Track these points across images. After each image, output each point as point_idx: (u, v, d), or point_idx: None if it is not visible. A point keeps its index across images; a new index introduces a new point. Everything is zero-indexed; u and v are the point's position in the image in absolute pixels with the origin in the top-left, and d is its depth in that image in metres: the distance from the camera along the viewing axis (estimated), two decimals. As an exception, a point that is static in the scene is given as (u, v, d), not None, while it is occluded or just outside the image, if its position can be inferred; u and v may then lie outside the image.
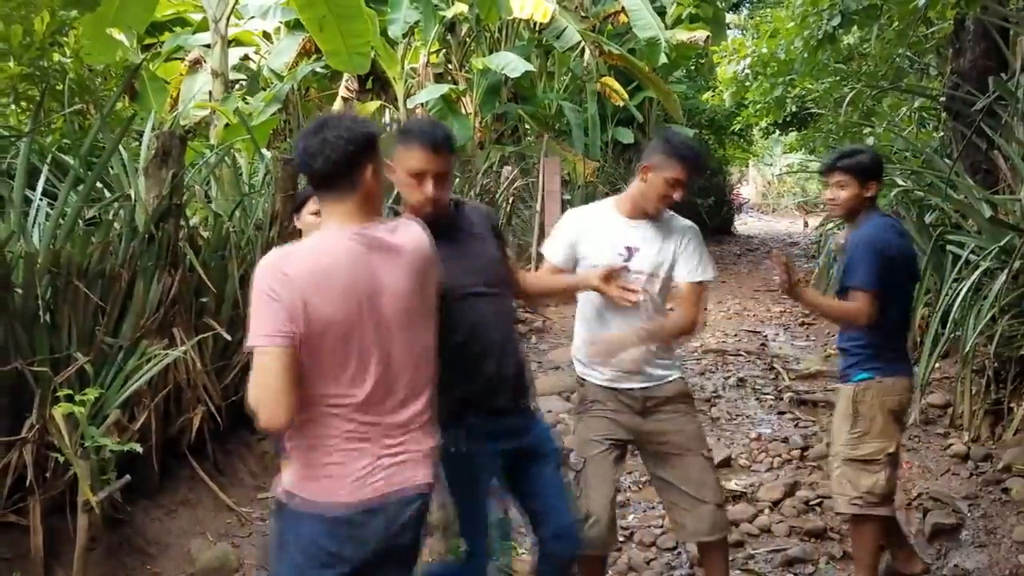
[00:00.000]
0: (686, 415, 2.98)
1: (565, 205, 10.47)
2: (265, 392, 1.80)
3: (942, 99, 6.61)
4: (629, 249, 2.87)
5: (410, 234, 2.05)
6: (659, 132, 3.19)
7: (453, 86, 11.85)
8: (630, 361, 2.80)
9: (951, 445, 4.72)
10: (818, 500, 4.22)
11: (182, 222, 3.85)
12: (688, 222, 3.02)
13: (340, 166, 1.92)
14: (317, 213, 3.00)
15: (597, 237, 2.90)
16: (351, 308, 1.88)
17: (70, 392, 3.03)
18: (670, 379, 2.96)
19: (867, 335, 3.12)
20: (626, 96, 13.41)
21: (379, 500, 1.91)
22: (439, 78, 12.12)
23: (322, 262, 1.88)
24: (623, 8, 12.62)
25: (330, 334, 1.86)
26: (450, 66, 12.94)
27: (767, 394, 6.22)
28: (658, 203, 2.84)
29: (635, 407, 2.92)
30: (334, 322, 1.85)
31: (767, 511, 4.17)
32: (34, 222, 3.76)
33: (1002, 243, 4.68)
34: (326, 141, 1.91)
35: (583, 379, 3.01)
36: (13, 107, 5.31)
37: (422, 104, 10.94)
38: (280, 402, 1.80)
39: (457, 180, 8.49)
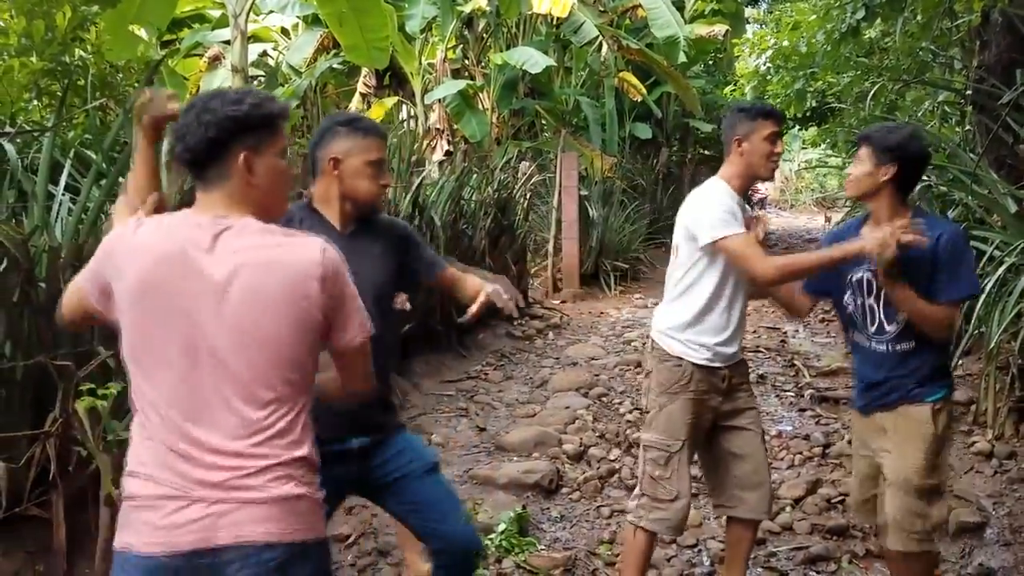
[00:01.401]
0: (752, 394, 3.14)
1: (582, 201, 10.45)
2: (64, 302, 1.82)
3: (967, 93, 6.53)
4: (747, 226, 2.93)
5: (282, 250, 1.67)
6: (727, 113, 3.16)
7: (470, 82, 11.85)
8: None
9: (975, 443, 4.67)
10: (840, 498, 4.18)
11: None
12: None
13: (200, 152, 1.67)
14: None
15: (739, 215, 2.92)
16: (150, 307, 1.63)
17: (93, 386, 3.03)
18: (742, 356, 3.12)
19: (940, 348, 2.79)
20: (644, 91, 13.36)
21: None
22: (456, 74, 12.13)
23: (142, 243, 1.66)
24: (641, 2, 12.57)
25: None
26: (467, 61, 12.95)
27: (787, 391, 6.18)
28: (769, 162, 2.93)
29: (721, 387, 2.99)
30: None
31: (789, 509, 4.14)
32: (57, 216, 3.78)
33: (1028, 239, 4.62)
34: (187, 125, 1.67)
35: (680, 358, 2.98)
36: (36, 102, 5.35)
37: (439, 99, 10.95)
38: (70, 313, 1.81)
39: (475, 176, 8.48)
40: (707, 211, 2.89)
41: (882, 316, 2.73)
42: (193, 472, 1.57)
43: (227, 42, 8.53)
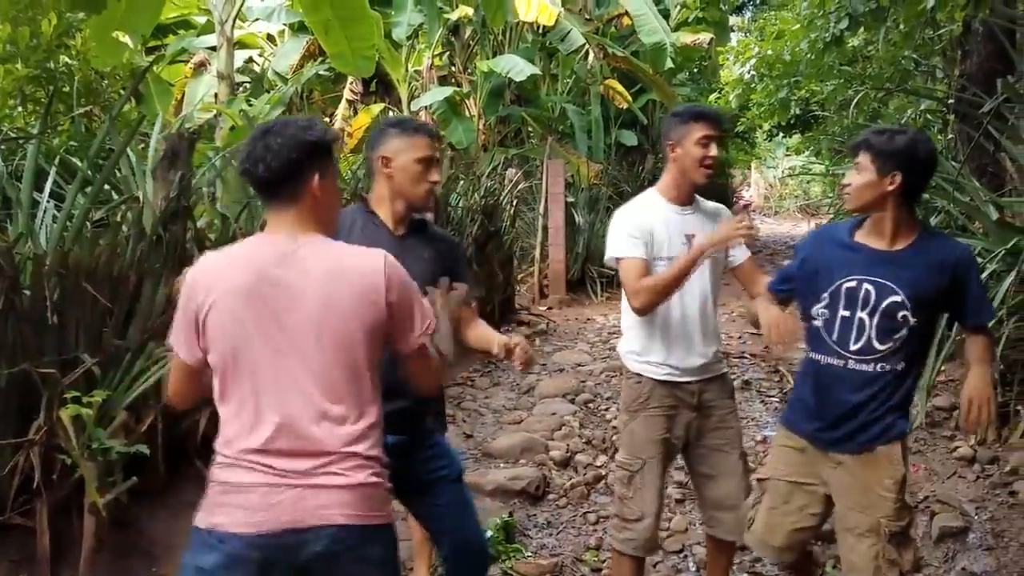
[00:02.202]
0: (732, 413, 3.02)
1: (568, 208, 10.48)
2: (170, 386, 1.97)
3: (949, 101, 6.61)
4: (688, 237, 2.86)
5: (350, 259, 1.86)
6: (666, 117, 3.09)
7: (457, 88, 11.87)
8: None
9: (957, 448, 4.70)
10: (825, 503, 4.21)
11: (189, 224, 3.85)
12: (718, 204, 3.09)
13: (281, 174, 1.83)
14: None
15: (660, 231, 2.85)
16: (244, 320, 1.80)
17: (77, 394, 3.03)
18: (721, 372, 3.01)
19: (911, 377, 2.49)
20: (630, 98, 13.42)
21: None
22: (443, 81, 12.15)
23: (223, 273, 1.83)
24: (627, 11, 12.64)
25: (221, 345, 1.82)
26: (454, 68, 12.97)
27: (772, 397, 6.21)
28: (699, 168, 2.83)
29: (690, 402, 2.91)
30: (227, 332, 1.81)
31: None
32: (42, 224, 3.77)
33: (1009, 246, 4.66)
34: (268, 147, 1.82)
35: (639, 375, 2.94)
36: (21, 109, 5.32)
37: (426, 107, 10.96)
38: (177, 392, 1.96)
39: (461, 182, 8.50)
40: (612, 231, 2.92)
41: (873, 333, 2.43)
42: (284, 462, 1.76)
43: (213, 48, 8.52)
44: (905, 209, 2.44)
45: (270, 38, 12.21)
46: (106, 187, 4.02)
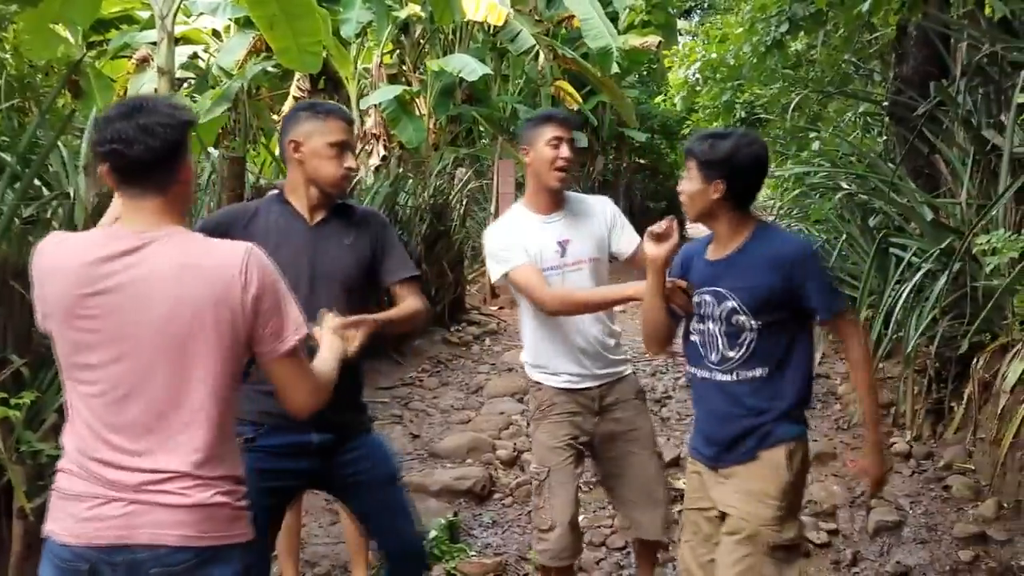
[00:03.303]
0: (640, 413, 2.97)
1: (519, 207, 10.49)
2: None
3: (885, 104, 6.76)
4: (562, 244, 2.82)
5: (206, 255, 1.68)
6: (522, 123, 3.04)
7: (407, 87, 11.81)
8: None
9: (894, 444, 4.81)
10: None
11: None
12: (599, 197, 3.05)
13: (161, 157, 1.65)
14: None
15: (531, 243, 2.80)
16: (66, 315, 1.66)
17: (5, 395, 2.93)
18: (624, 374, 2.96)
19: (791, 375, 2.36)
20: (580, 100, 13.49)
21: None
22: (393, 79, 12.07)
23: (58, 260, 1.67)
24: (575, 13, 12.70)
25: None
26: (404, 67, 12.90)
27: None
28: (553, 170, 2.77)
29: (592, 407, 2.88)
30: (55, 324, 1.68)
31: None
32: (-31, 220, 3.64)
33: (943, 246, 4.79)
34: (145, 128, 1.62)
35: (539, 383, 2.92)
36: (-51, 103, 5.14)
37: (375, 105, 10.89)
38: None
39: (411, 181, 8.45)
40: (487, 251, 2.88)
41: (723, 342, 2.36)
42: (112, 474, 1.64)
43: (155, 44, 8.34)
44: (736, 213, 2.37)
45: (216, 34, 12.01)
46: (37, 183, 3.89)
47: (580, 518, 3.92)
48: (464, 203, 9.51)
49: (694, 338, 2.46)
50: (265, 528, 2.39)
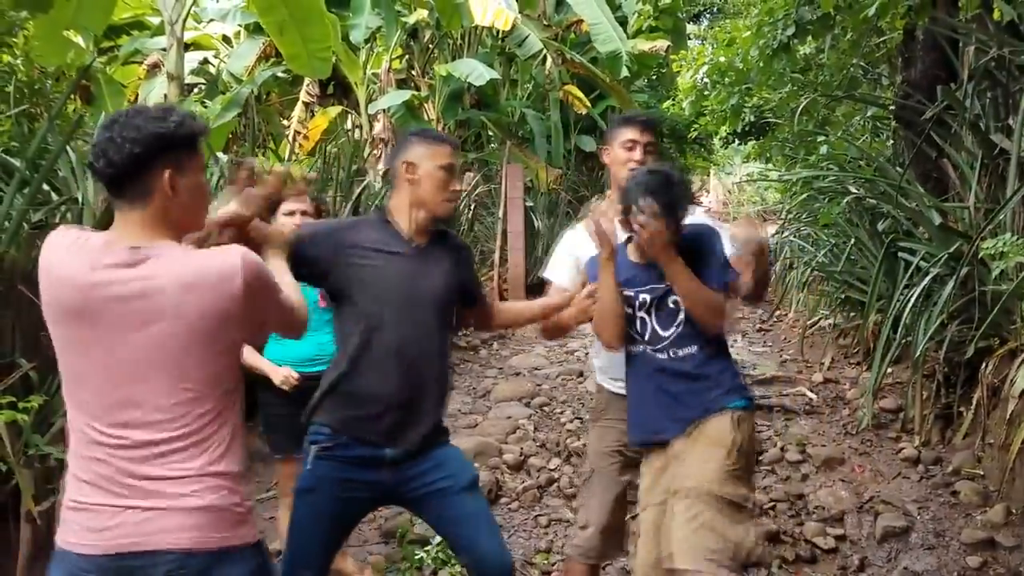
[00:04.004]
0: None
1: (527, 212, 10.50)
2: None
3: (893, 108, 6.74)
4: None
5: (179, 267, 1.67)
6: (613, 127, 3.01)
7: (415, 92, 11.84)
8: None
9: (902, 449, 4.79)
10: (771, 504, 4.26)
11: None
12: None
13: (123, 170, 1.64)
14: (291, 213, 3.02)
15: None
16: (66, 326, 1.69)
17: (13, 399, 2.96)
18: None
19: (725, 355, 2.52)
20: (589, 104, 13.49)
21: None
22: (401, 84, 12.11)
23: (54, 266, 1.69)
24: (584, 17, 12.71)
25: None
26: (413, 72, 12.94)
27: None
28: (627, 171, 2.74)
29: None
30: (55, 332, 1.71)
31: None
32: (-22, 225, 3.67)
33: (951, 250, 4.77)
34: (112, 140, 1.64)
35: (600, 386, 2.94)
36: (-40, 109, 5.19)
37: (384, 110, 10.92)
38: None
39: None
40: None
41: (656, 324, 2.48)
42: (123, 481, 1.65)
43: (165, 49, 8.39)
44: None
45: (226, 39, 12.07)
46: (46, 188, 3.93)
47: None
48: (472, 208, 9.54)
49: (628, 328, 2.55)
50: (336, 537, 2.43)
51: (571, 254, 2.85)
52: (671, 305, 2.47)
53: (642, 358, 2.52)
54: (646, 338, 2.49)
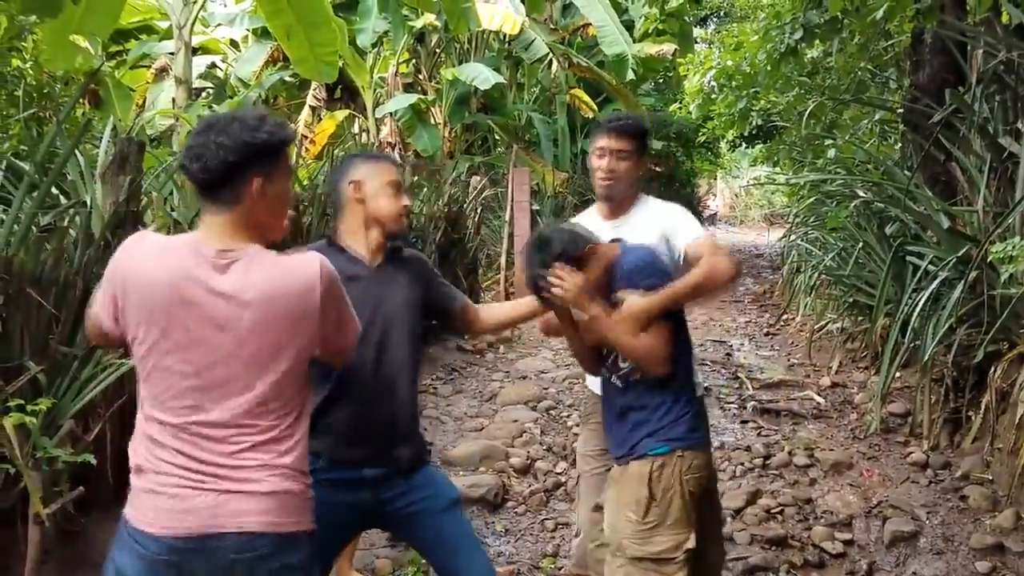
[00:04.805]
0: None
1: (534, 215, 10.51)
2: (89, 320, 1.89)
3: (901, 112, 6.72)
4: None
5: (267, 276, 1.74)
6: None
7: (422, 96, 11.87)
8: None
9: (911, 453, 4.77)
10: (779, 508, 4.24)
11: (140, 229, 3.79)
12: (668, 203, 2.90)
13: (218, 175, 1.72)
14: None
15: None
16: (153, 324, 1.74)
17: (22, 402, 2.96)
18: None
19: (659, 388, 2.40)
20: (595, 108, 13.50)
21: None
22: (408, 88, 12.14)
23: (143, 271, 1.74)
24: (591, 21, 12.72)
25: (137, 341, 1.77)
26: (420, 76, 12.97)
27: (731, 403, 6.26)
28: (598, 180, 2.77)
29: None
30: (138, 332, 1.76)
31: (729, 519, 4.18)
32: (-12, 228, 3.69)
33: (959, 254, 4.75)
34: (207, 145, 1.71)
35: (588, 389, 2.93)
36: (-30, 113, 5.22)
37: (391, 113, 10.94)
38: (92, 334, 1.92)
39: (425, 189, 8.48)
40: None
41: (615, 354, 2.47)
42: (202, 468, 1.73)
43: (173, 53, 8.42)
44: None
45: (233, 44, 12.14)
46: (54, 191, 3.94)
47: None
48: (479, 211, 9.54)
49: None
50: (328, 562, 2.42)
51: None
52: None
53: (606, 383, 2.55)
54: (608, 363, 2.50)
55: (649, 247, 2.53)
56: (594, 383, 2.83)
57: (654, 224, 2.78)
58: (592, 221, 2.83)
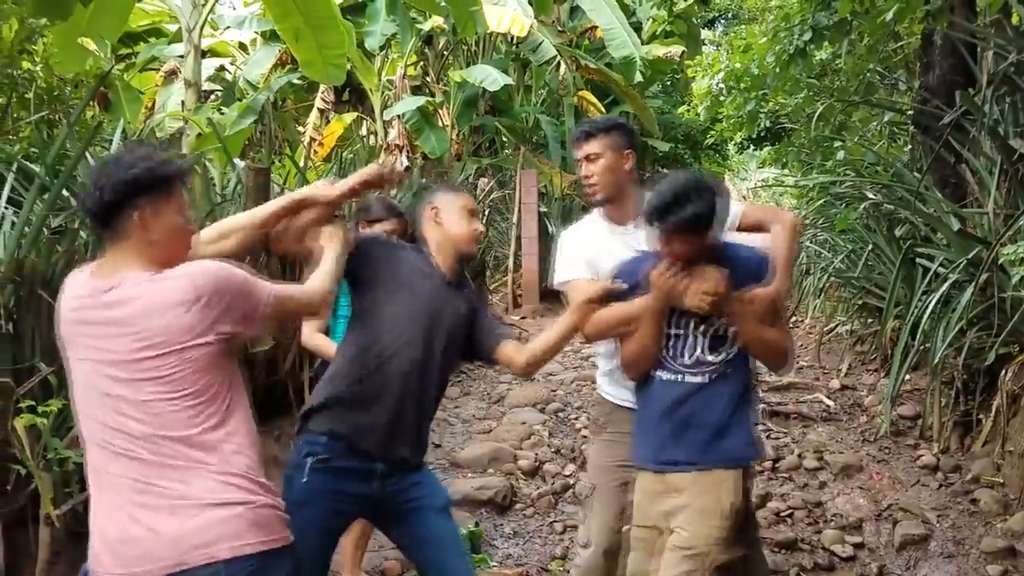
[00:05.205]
0: None
1: (542, 218, 10.50)
2: None
3: (911, 113, 6.70)
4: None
5: (143, 290, 1.81)
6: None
7: (430, 98, 11.87)
8: None
9: (921, 456, 4.75)
10: (789, 511, 4.24)
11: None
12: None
13: (100, 211, 1.83)
14: (393, 232, 3.15)
15: (607, 253, 2.67)
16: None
17: (33, 403, 2.97)
18: None
19: (749, 399, 2.42)
20: (603, 110, 13.48)
21: None
22: (416, 90, 12.14)
23: (65, 294, 1.90)
24: (598, 23, 12.71)
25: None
26: (427, 78, 12.98)
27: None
28: (587, 190, 2.76)
29: None
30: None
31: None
32: (-1, 231, 3.71)
33: (970, 256, 4.73)
34: (95, 182, 1.83)
35: (601, 397, 2.83)
36: (-19, 115, 5.24)
37: (399, 116, 10.95)
38: None
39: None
40: (558, 253, 2.88)
41: (702, 345, 2.40)
42: (141, 498, 1.75)
43: (183, 56, 8.45)
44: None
45: (242, 47, 12.17)
46: (65, 193, 3.96)
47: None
48: (486, 213, 9.54)
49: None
50: (325, 551, 2.42)
51: (582, 255, 2.73)
52: (721, 332, 2.39)
53: (664, 381, 2.41)
54: (686, 361, 2.39)
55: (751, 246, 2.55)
56: (615, 392, 2.75)
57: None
58: (598, 229, 2.79)
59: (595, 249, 2.72)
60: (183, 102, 7.69)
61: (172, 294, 1.79)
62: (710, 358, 2.38)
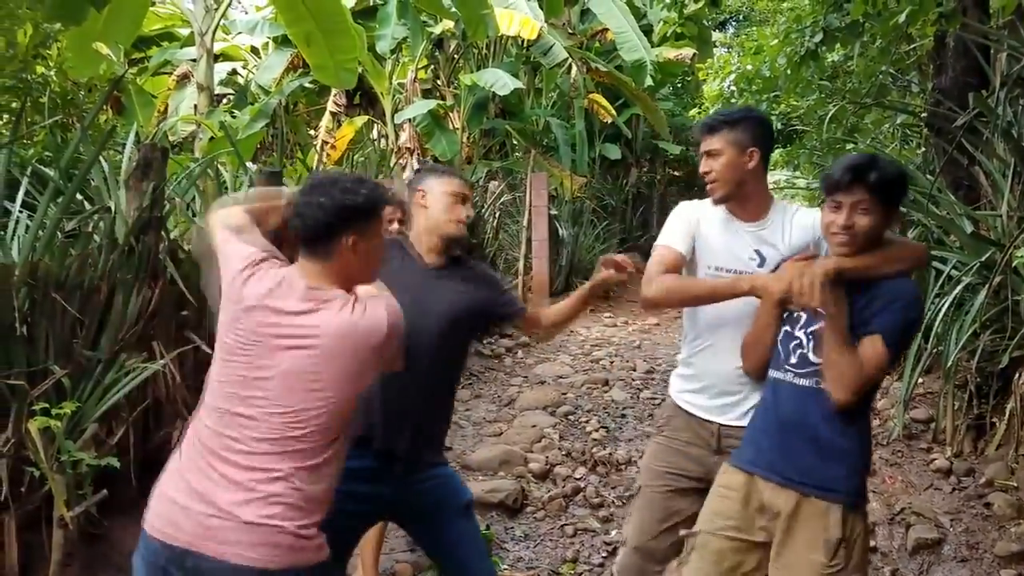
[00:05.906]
0: None
1: (552, 220, 10.51)
2: None
3: (924, 115, 6.67)
4: (759, 254, 2.52)
5: (341, 318, 1.89)
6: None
7: (441, 102, 11.89)
8: None
9: (934, 460, 4.72)
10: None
11: (163, 234, 3.83)
12: (799, 206, 2.76)
13: (315, 233, 1.92)
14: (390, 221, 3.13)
15: (721, 241, 2.54)
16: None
17: (47, 406, 3.00)
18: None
19: (863, 427, 2.23)
20: (614, 112, 13.48)
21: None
22: (427, 94, 12.16)
23: (262, 282, 1.97)
24: (609, 26, 12.71)
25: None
26: (438, 82, 13.00)
27: (752, 409, 6.22)
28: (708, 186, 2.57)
29: (711, 443, 2.54)
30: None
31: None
32: (13, 234, 3.73)
33: (983, 258, 4.70)
34: (309, 204, 1.92)
35: (669, 395, 2.70)
36: (-4, 119, 5.30)
37: (410, 119, 10.98)
38: None
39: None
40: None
41: (808, 344, 2.24)
42: (205, 489, 1.85)
43: (195, 60, 8.50)
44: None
45: (254, 51, 12.22)
46: (79, 197, 3.99)
47: (614, 532, 3.84)
48: (497, 216, 9.55)
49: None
50: (339, 554, 2.40)
51: (688, 229, 2.57)
52: None
53: (773, 380, 2.30)
54: (792, 360, 2.25)
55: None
56: (678, 388, 2.64)
57: (795, 226, 2.57)
58: (716, 216, 2.60)
59: (711, 231, 2.56)
60: (195, 106, 7.74)
61: (368, 338, 1.89)
62: (813, 358, 2.21)
